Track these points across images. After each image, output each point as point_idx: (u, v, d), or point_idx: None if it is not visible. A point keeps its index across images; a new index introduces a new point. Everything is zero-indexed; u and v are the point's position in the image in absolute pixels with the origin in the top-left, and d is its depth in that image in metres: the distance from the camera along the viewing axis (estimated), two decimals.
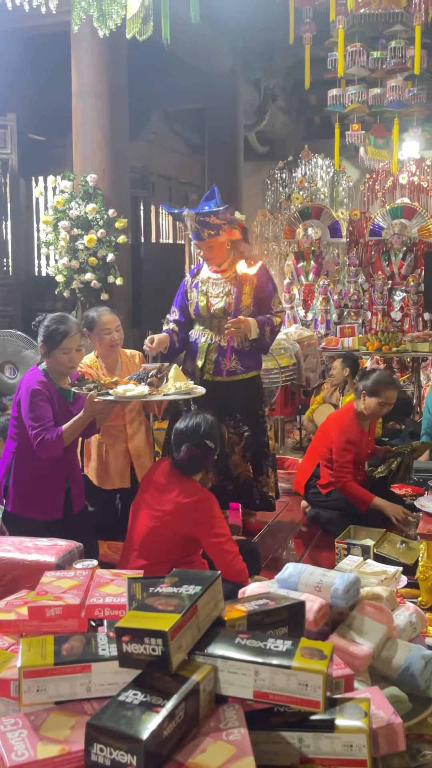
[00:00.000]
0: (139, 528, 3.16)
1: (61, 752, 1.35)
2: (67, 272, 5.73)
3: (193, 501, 3.05)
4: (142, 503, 3.20)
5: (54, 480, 3.32)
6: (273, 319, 4.10)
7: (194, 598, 1.51)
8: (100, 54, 5.72)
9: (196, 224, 3.95)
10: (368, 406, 4.32)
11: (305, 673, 1.40)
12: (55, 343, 3.24)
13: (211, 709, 1.44)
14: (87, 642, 1.56)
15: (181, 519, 3.03)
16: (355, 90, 7.16)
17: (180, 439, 3.15)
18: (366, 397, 4.32)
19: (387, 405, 4.37)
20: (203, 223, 3.94)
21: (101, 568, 2.23)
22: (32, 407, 3.20)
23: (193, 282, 4.17)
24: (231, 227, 4.03)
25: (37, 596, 1.89)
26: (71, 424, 3.16)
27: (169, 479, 3.14)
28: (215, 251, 4.06)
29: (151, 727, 1.28)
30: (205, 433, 3.12)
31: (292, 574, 2.02)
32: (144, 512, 3.16)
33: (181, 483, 3.11)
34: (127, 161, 6.10)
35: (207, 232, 3.98)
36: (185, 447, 3.11)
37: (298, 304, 8.60)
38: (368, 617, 1.96)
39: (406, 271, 8.19)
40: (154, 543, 3.08)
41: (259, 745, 1.41)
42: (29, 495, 3.29)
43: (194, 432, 3.12)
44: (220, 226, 3.97)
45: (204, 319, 4.11)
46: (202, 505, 3.05)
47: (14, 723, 1.42)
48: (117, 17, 3.74)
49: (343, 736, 1.42)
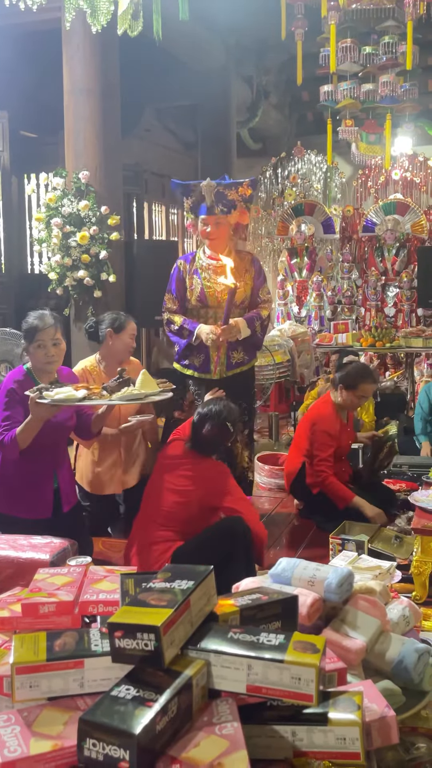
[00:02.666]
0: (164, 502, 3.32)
1: (54, 748, 1.35)
2: (60, 270, 5.72)
3: (216, 473, 3.35)
4: (162, 481, 3.37)
5: (41, 478, 3.30)
6: (261, 313, 4.12)
7: (187, 593, 1.51)
8: (91, 51, 5.70)
9: (212, 196, 3.92)
10: (345, 398, 4.33)
11: (298, 666, 1.40)
12: (30, 338, 3.26)
13: (204, 703, 1.44)
14: (80, 638, 1.55)
15: (206, 491, 3.29)
16: (348, 86, 7.17)
17: (203, 420, 3.37)
18: (343, 390, 4.33)
19: (364, 398, 4.41)
20: (220, 197, 3.93)
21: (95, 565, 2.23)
22: (3, 406, 3.21)
23: (192, 268, 4.10)
24: (246, 206, 4.03)
25: (30, 593, 1.89)
26: (23, 428, 3.11)
27: (187, 458, 3.37)
28: (221, 231, 4.01)
29: (144, 722, 1.28)
30: (229, 417, 3.36)
31: (285, 569, 2.02)
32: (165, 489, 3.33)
33: (200, 460, 3.36)
34: (119, 158, 6.08)
35: (220, 207, 3.95)
36: (208, 426, 3.34)
37: (291, 301, 8.60)
38: (361, 611, 1.97)
39: (400, 267, 8.20)
40: (180, 515, 3.28)
41: (253, 739, 1.41)
42: (16, 494, 3.28)
43: (218, 414, 3.35)
44: (235, 204, 3.96)
45: (208, 307, 4.06)
46: (224, 478, 3.36)
47: (7, 719, 1.42)
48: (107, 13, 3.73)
49: (337, 729, 1.42)
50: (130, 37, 4.10)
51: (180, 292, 4.13)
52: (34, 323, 3.27)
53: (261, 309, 4.14)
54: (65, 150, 5.94)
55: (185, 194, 4.07)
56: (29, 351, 3.29)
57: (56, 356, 3.32)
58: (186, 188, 4.04)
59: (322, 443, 4.27)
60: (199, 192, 3.98)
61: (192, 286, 4.08)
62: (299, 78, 6.51)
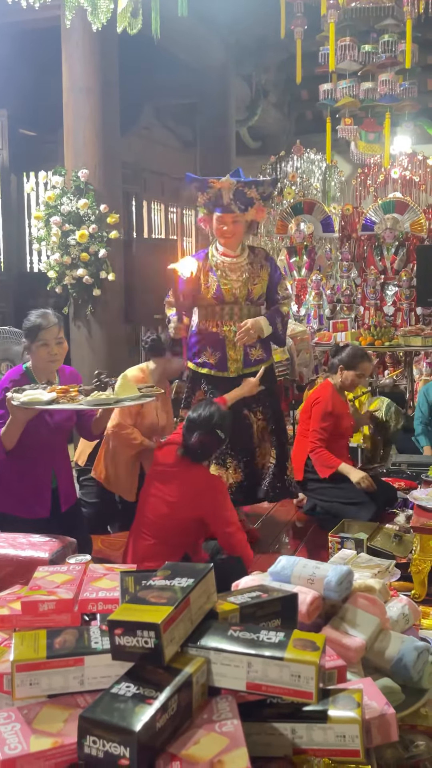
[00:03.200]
0: (151, 512, 3.26)
1: (54, 745, 1.35)
2: (59, 268, 5.72)
3: (207, 487, 3.22)
4: (153, 489, 3.31)
5: (39, 478, 3.28)
6: (281, 310, 4.08)
7: (187, 590, 1.51)
8: (91, 49, 5.71)
9: (231, 195, 3.85)
10: (346, 378, 4.50)
11: (298, 664, 1.40)
12: (32, 337, 3.24)
13: (204, 701, 1.44)
14: (80, 635, 1.55)
15: (194, 503, 3.19)
16: (347, 84, 7.17)
17: (192, 426, 3.27)
18: (343, 370, 4.49)
19: (363, 377, 4.58)
20: (239, 195, 3.86)
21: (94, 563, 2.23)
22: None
23: (206, 266, 4.01)
24: (263, 204, 3.97)
25: (30, 591, 1.89)
26: (5, 429, 3.10)
27: (179, 466, 3.27)
28: (237, 228, 3.94)
29: (144, 719, 1.28)
30: (217, 423, 3.25)
31: (285, 567, 2.02)
32: (155, 498, 3.28)
33: (192, 469, 3.25)
34: (118, 156, 6.08)
35: (238, 205, 3.88)
36: (197, 434, 3.24)
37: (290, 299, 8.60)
38: (361, 609, 1.97)
39: (399, 265, 8.19)
40: (167, 527, 3.21)
41: (252, 737, 1.41)
42: (14, 493, 3.26)
43: (206, 420, 3.25)
44: (253, 201, 3.90)
45: (224, 304, 3.97)
46: (216, 492, 3.23)
47: (7, 717, 1.42)
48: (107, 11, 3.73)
49: (336, 726, 1.42)
50: (130, 36, 4.10)
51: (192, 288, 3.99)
52: (37, 322, 3.25)
53: (281, 305, 4.08)
54: (64, 148, 5.94)
55: (201, 189, 3.97)
56: (31, 350, 3.27)
57: (59, 355, 3.31)
58: (202, 183, 3.95)
59: (318, 416, 4.39)
60: (216, 189, 3.89)
61: (208, 284, 3.99)
62: (299, 76, 6.51)
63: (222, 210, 3.91)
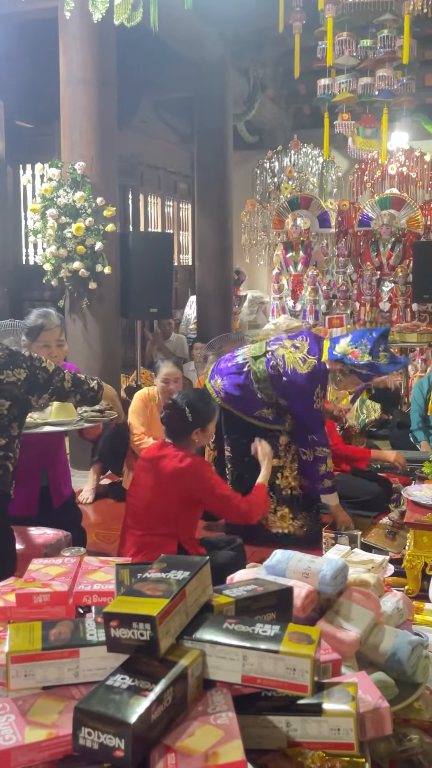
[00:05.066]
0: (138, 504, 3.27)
1: (48, 736, 1.35)
2: (55, 261, 5.70)
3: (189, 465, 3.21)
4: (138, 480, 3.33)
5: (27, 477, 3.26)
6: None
7: (182, 583, 1.51)
8: (88, 41, 5.68)
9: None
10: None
11: (293, 657, 1.40)
12: (33, 336, 3.22)
13: (199, 693, 1.45)
14: (75, 627, 1.55)
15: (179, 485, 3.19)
16: (345, 80, 7.14)
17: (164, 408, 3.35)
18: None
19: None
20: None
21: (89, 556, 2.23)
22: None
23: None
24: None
25: (24, 583, 1.88)
26: None
27: (161, 450, 3.29)
28: None
29: (139, 711, 1.28)
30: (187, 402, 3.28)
31: (280, 561, 2.02)
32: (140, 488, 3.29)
33: (174, 450, 3.26)
34: (115, 149, 6.06)
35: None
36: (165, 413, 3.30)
37: (286, 295, 8.60)
38: (356, 603, 1.97)
39: (395, 261, 8.20)
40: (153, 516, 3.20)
41: (247, 729, 1.41)
42: None
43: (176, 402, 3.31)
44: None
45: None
46: (200, 469, 3.24)
47: (1, 708, 1.42)
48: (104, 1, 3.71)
49: (331, 719, 1.42)
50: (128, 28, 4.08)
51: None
52: (39, 322, 3.22)
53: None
54: (61, 140, 5.92)
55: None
56: (30, 349, 3.23)
57: (59, 357, 3.29)
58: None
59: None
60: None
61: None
62: (296, 71, 6.49)
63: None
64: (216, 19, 7.75)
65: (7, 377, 2.60)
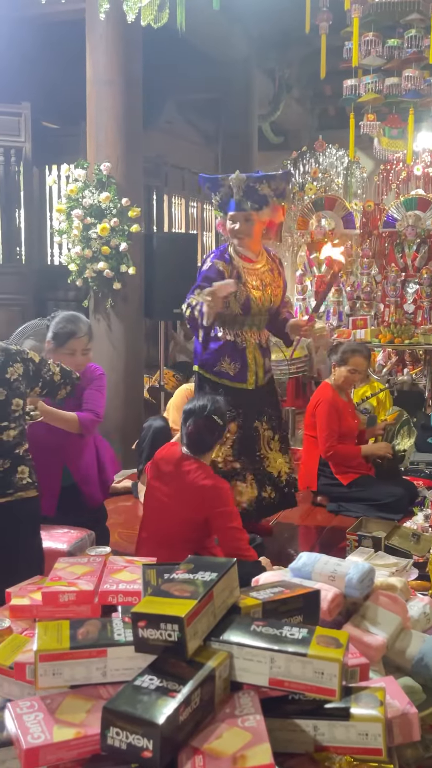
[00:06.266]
0: (155, 514, 3.18)
1: (77, 735, 1.35)
2: (79, 261, 5.72)
3: (212, 485, 3.10)
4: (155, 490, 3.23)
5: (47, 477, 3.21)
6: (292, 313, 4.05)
7: (210, 584, 1.51)
8: (114, 42, 5.70)
9: (241, 191, 3.62)
10: (339, 375, 4.51)
11: (321, 661, 1.40)
12: (60, 342, 3.19)
13: (227, 695, 1.44)
14: (102, 627, 1.56)
15: (199, 501, 3.09)
16: (371, 80, 7.10)
17: (187, 417, 3.21)
18: (336, 367, 4.47)
19: (357, 372, 4.56)
20: (250, 191, 3.62)
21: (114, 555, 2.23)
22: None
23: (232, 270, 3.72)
24: (278, 202, 3.73)
25: (50, 582, 1.89)
26: None
27: (182, 462, 3.19)
28: (251, 229, 3.68)
29: (167, 712, 1.28)
30: (212, 409, 3.18)
31: (306, 563, 2.01)
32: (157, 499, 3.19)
33: (196, 465, 3.16)
34: (140, 150, 6.07)
35: (251, 203, 3.65)
36: (191, 421, 3.16)
37: (310, 296, 8.56)
38: (382, 607, 1.96)
39: (420, 263, 8.13)
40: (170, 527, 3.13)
41: (274, 733, 1.41)
42: None
43: (201, 408, 3.18)
44: (267, 199, 3.66)
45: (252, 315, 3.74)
46: (221, 492, 3.12)
47: (30, 706, 1.43)
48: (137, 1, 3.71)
49: (359, 724, 1.41)
50: (154, 29, 4.09)
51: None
52: (69, 328, 3.18)
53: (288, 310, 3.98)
54: (87, 141, 5.94)
55: (213, 189, 3.78)
56: (56, 353, 3.21)
57: (82, 365, 3.27)
58: (214, 182, 3.76)
59: (324, 418, 4.39)
60: (227, 186, 3.69)
61: (237, 293, 3.69)
62: (323, 71, 6.46)
63: (234, 208, 3.70)
64: (242, 19, 7.74)
65: (11, 374, 2.60)
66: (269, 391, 3.95)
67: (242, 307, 3.70)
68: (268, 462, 3.90)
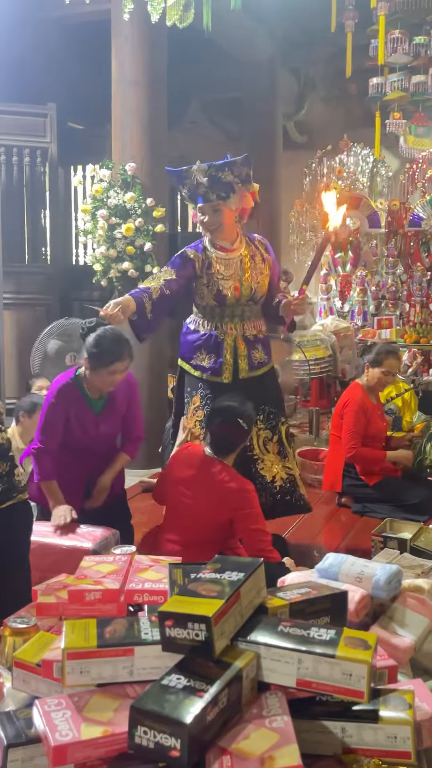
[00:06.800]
0: (177, 515, 3.17)
1: (104, 734, 1.35)
2: (104, 261, 5.75)
3: (239, 489, 3.08)
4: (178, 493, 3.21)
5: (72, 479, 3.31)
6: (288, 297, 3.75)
7: (237, 584, 1.50)
8: (140, 43, 5.72)
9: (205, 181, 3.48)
10: (372, 377, 4.46)
11: (349, 662, 1.38)
12: (103, 364, 3.17)
13: (254, 696, 1.44)
14: (129, 626, 1.56)
15: (224, 503, 3.07)
16: (397, 78, 7.07)
17: (212, 418, 3.19)
18: (369, 368, 4.43)
19: (390, 374, 4.50)
20: (214, 180, 3.47)
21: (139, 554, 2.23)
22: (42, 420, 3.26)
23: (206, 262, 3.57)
24: (245, 188, 3.55)
25: (76, 580, 1.90)
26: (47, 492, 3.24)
27: (206, 464, 3.17)
28: (220, 219, 3.54)
29: (195, 712, 1.27)
30: (238, 412, 3.14)
31: (332, 564, 2.00)
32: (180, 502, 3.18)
33: (221, 467, 3.14)
34: (165, 150, 6.09)
35: (217, 192, 3.50)
36: (217, 423, 3.14)
37: (334, 295, 8.53)
38: (410, 609, 1.94)
39: None
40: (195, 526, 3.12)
41: (302, 734, 1.39)
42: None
43: (227, 410, 3.14)
44: (233, 185, 3.50)
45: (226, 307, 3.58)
46: (247, 495, 3.09)
47: (58, 703, 1.43)
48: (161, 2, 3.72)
49: (387, 727, 1.40)
50: (178, 29, 4.09)
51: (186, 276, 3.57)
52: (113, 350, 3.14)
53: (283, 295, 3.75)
54: (112, 142, 5.97)
55: (179, 182, 3.60)
56: (95, 370, 3.18)
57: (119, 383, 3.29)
58: (179, 175, 3.58)
59: (352, 418, 4.34)
60: (192, 177, 3.52)
61: (209, 284, 3.56)
62: (348, 70, 6.44)
63: (201, 200, 3.54)
64: (266, 19, 7.73)
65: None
66: (261, 386, 3.67)
67: (215, 298, 3.56)
68: (262, 464, 3.67)
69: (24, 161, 6.70)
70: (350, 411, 4.38)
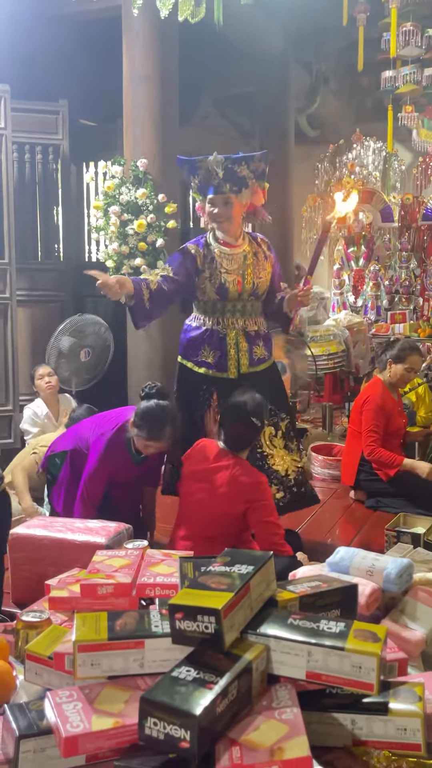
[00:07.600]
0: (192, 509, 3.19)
1: (115, 725, 1.36)
2: (117, 257, 5.76)
3: (252, 481, 3.10)
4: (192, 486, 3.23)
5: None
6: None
7: (246, 577, 1.51)
8: (151, 39, 5.72)
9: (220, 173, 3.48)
10: (395, 373, 4.42)
11: (359, 655, 1.39)
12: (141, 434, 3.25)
13: (264, 688, 1.44)
14: (140, 618, 1.57)
15: (238, 495, 3.08)
16: (409, 71, 7.02)
17: (225, 415, 3.22)
18: (392, 364, 4.40)
19: (413, 371, 4.45)
20: (229, 173, 3.48)
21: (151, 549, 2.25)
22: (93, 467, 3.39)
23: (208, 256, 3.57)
24: (259, 184, 3.57)
25: (89, 574, 1.92)
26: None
27: (220, 458, 3.18)
28: (230, 212, 3.52)
29: (205, 703, 1.28)
30: (251, 410, 3.14)
31: (343, 558, 2.00)
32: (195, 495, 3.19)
33: (234, 461, 3.16)
34: (177, 146, 6.08)
35: (230, 185, 3.49)
36: (230, 422, 3.16)
37: (348, 290, 8.50)
38: (421, 603, 1.94)
39: None
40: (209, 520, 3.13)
41: (312, 726, 1.40)
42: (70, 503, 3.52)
43: (239, 409, 3.15)
44: (247, 181, 3.51)
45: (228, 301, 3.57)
46: (261, 488, 3.11)
47: (69, 695, 1.44)
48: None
49: (397, 719, 1.40)
50: (189, 25, 4.09)
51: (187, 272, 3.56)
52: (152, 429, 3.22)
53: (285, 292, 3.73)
54: (123, 138, 5.98)
55: (191, 172, 3.59)
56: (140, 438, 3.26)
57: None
58: (192, 165, 3.57)
59: (371, 415, 4.32)
60: (205, 169, 3.52)
61: (212, 277, 3.54)
62: (360, 63, 6.41)
63: (213, 191, 3.53)
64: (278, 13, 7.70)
65: None
66: (264, 381, 3.64)
67: (218, 292, 3.54)
68: (273, 460, 3.68)
69: (36, 158, 6.71)
70: (369, 408, 4.35)
